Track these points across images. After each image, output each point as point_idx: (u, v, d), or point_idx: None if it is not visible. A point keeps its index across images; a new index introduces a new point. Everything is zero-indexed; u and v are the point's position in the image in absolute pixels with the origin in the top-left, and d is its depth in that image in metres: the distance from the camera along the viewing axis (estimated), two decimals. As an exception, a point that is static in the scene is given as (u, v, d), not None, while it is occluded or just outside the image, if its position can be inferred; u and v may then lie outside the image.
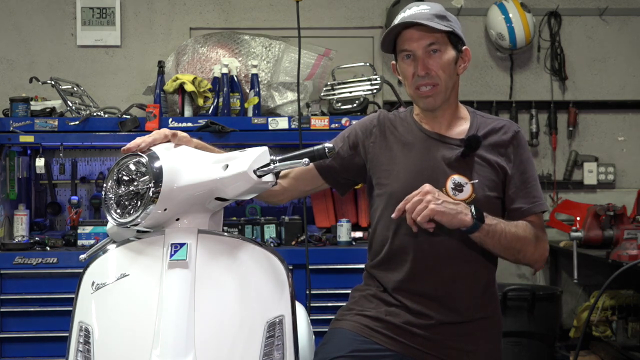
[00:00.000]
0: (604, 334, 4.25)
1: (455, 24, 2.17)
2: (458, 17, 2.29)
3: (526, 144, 2.21)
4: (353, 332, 2.15)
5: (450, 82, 2.17)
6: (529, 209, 2.14)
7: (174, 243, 1.87)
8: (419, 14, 2.12)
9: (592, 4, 4.98)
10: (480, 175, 2.12)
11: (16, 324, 3.84)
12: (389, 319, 2.13)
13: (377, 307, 2.17)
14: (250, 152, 1.93)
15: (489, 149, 2.16)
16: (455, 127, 2.21)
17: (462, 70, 2.20)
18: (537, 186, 2.17)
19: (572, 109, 4.93)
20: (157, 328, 1.75)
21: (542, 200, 2.17)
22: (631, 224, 4.00)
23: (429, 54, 2.13)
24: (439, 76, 2.13)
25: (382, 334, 2.12)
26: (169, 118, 4.02)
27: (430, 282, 2.11)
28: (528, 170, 2.17)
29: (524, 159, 2.18)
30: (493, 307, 2.19)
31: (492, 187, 2.13)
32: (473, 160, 2.13)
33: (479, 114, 2.25)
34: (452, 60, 2.15)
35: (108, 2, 4.76)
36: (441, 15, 2.14)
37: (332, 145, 1.96)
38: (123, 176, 1.94)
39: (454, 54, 2.16)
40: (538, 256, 2.13)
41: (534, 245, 2.11)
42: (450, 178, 2.11)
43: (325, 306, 3.84)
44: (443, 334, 2.10)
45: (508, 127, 2.20)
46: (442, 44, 2.13)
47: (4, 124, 3.98)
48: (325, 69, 4.28)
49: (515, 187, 2.15)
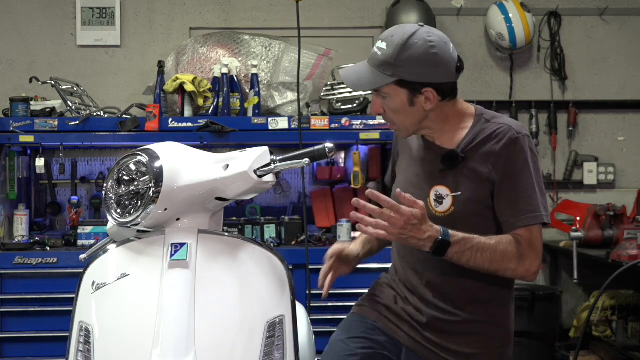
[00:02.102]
0: (604, 334, 4.25)
1: (408, 66, 2.00)
2: (458, 17, 2.26)
3: (523, 150, 2.04)
4: (363, 316, 2.22)
5: (410, 120, 2.08)
6: (514, 223, 2.03)
7: (174, 243, 1.87)
8: (372, 55, 2.06)
9: (592, 4, 4.98)
10: (464, 187, 2.06)
11: (16, 324, 3.84)
12: (395, 307, 2.18)
13: (387, 295, 2.23)
14: (250, 152, 1.94)
15: (480, 159, 2.06)
16: (451, 137, 2.12)
17: (429, 107, 2.06)
18: (529, 198, 2.03)
19: (572, 109, 4.93)
20: (157, 328, 1.75)
21: (534, 213, 2.02)
22: (631, 224, 4.00)
23: (381, 97, 2.09)
24: (393, 118, 2.10)
25: (390, 321, 2.17)
26: (169, 118, 4.02)
27: (430, 275, 2.13)
28: (520, 180, 2.03)
29: (517, 168, 2.03)
30: (501, 313, 2.15)
31: (476, 200, 2.06)
32: (461, 172, 2.07)
33: (485, 117, 2.12)
34: (403, 105, 2.05)
35: (108, 2, 4.76)
36: (387, 64, 2.01)
37: (332, 145, 1.97)
38: (123, 176, 1.94)
39: (405, 97, 2.04)
40: (522, 273, 2.03)
41: (515, 263, 2.01)
42: (433, 189, 2.10)
43: (325, 306, 3.84)
44: (439, 331, 2.11)
45: (504, 134, 2.05)
46: (388, 92, 2.06)
47: (4, 124, 3.98)
48: (325, 69, 4.28)
49: (504, 198, 2.04)
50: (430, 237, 1.95)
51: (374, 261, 3.88)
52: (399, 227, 1.91)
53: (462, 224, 2.03)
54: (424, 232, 1.94)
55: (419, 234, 1.94)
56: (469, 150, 2.08)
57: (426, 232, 1.94)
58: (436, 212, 2.08)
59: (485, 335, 2.11)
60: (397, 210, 1.91)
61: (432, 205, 2.09)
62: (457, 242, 1.97)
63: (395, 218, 1.91)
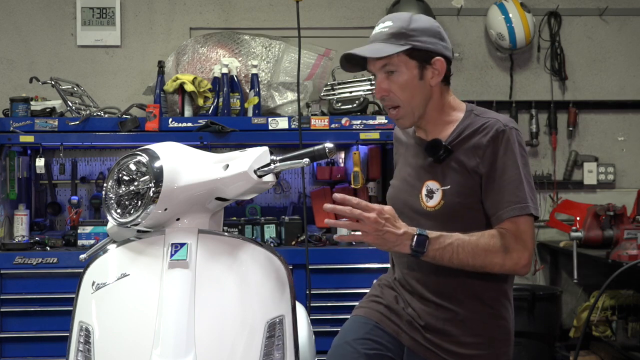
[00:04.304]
0: (604, 334, 4.25)
1: (420, 37, 2.07)
2: (458, 17, 2.27)
3: (511, 143, 2.04)
4: (365, 317, 2.21)
5: (417, 99, 2.10)
6: (500, 215, 2.02)
7: (174, 243, 1.87)
8: (377, 33, 2.10)
9: (592, 4, 4.98)
10: (453, 181, 2.07)
11: (16, 324, 3.84)
12: (396, 307, 2.17)
13: (388, 295, 2.22)
14: (250, 152, 1.94)
15: (468, 152, 2.07)
16: (440, 132, 2.14)
17: (434, 82, 2.10)
18: (515, 189, 2.02)
19: (572, 109, 4.93)
20: (157, 328, 1.75)
21: (521, 204, 2.01)
22: (631, 224, 4.00)
23: (386, 74, 2.10)
24: (399, 97, 2.10)
25: (392, 321, 2.17)
26: (169, 118, 4.02)
27: (427, 274, 2.13)
28: (507, 172, 2.02)
29: (503, 160, 2.03)
30: (500, 310, 2.14)
31: (466, 193, 2.06)
32: (449, 165, 2.09)
33: (475, 112, 2.14)
34: (412, 79, 2.08)
35: (108, 2, 4.76)
36: (400, 33, 2.06)
37: (332, 145, 1.97)
38: (123, 176, 1.95)
39: (415, 71, 2.08)
40: (510, 267, 2.02)
41: (501, 257, 2.00)
42: (425, 184, 2.12)
43: (325, 306, 3.84)
44: (437, 331, 2.11)
45: (491, 127, 2.06)
46: (400, 63, 2.08)
47: (4, 124, 3.98)
48: (325, 69, 4.28)
49: (490, 191, 2.04)
50: (406, 232, 1.96)
51: (374, 261, 3.92)
52: (372, 221, 1.93)
53: (453, 218, 2.06)
54: (399, 228, 1.96)
55: (394, 229, 1.95)
56: (456, 144, 2.09)
57: (401, 228, 1.96)
58: (427, 207, 2.10)
59: (486, 336, 2.11)
60: (365, 207, 1.94)
61: (424, 201, 2.11)
62: (435, 238, 1.98)
63: (365, 216, 1.93)
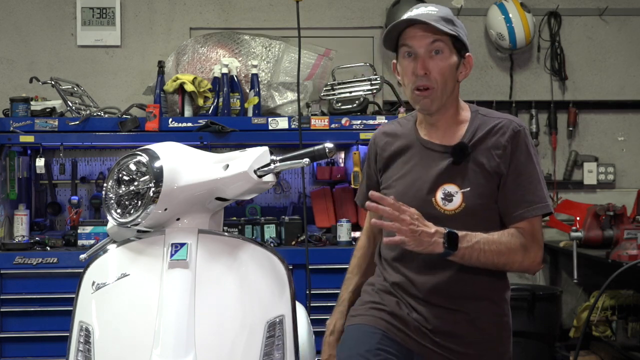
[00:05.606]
0: (604, 334, 4.25)
1: (461, 30, 2.14)
2: (458, 17, 2.28)
3: (526, 143, 2.10)
4: (372, 326, 2.14)
5: (448, 87, 2.12)
6: (519, 215, 2.06)
7: (174, 243, 1.87)
8: (426, 14, 2.11)
9: (592, 4, 4.98)
10: (472, 182, 2.08)
11: (16, 324, 3.84)
12: (400, 313, 2.13)
13: (389, 301, 2.16)
14: (250, 152, 1.94)
15: (486, 152, 2.09)
16: (453, 133, 2.15)
17: (462, 77, 2.16)
18: (533, 189, 2.07)
19: (572, 109, 4.93)
20: (157, 328, 1.75)
21: (538, 204, 2.07)
22: (631, 224, 4.00)
23: (430, 54, 2.10)
24: (437, 79, 2.10)
25: (399, 329, 2.12)
26: (169, 118, 4.02)
27: (432, 280, 2.11)
28: (524, 172, 2.08)
29: (522, 161, 2.08)
30: (501, 308, 2.15)
31: (486, 194, 2.08)
32: (467, 167, 2.09)
33: (481, 113, 2.18)
34: (453, 65, 2.12)
35: (108, 2, 4.76)
36: (448, 19, 2.11)
37: (332, 145, 1.97)
38: (123, 176, 1.95)
39: (455, 59, 2.14)
40: (528, 265, 2.08)
41: (521, 255, 2.05)
42: (440, 188, 2.09)
43: (325, 306, 3.83)
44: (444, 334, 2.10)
45: (507, 127, 2.10)
46: (445, 47, 2.11)
47: (4, 124, 3.98)
48: (325, 69, 4.28)
49: (508, 192, 2.07)
50: (437, 231, 1.97)
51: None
52: (408, 223, 1.93)
53: (473, 219, 2.06)
54: (430, 227, 1.97)
55: (427, 228, 1.95)
56: (472, 145, 2.10)
57: (432, 227, 1.97)
58: (445, 210, 2.08)
59: (493, 334, 2.12)
60: (398, 208, 1.94)
61: (440, 205, 2.08)
62: (463, 236, 1.99)
63: (400, 218, 1.93)
